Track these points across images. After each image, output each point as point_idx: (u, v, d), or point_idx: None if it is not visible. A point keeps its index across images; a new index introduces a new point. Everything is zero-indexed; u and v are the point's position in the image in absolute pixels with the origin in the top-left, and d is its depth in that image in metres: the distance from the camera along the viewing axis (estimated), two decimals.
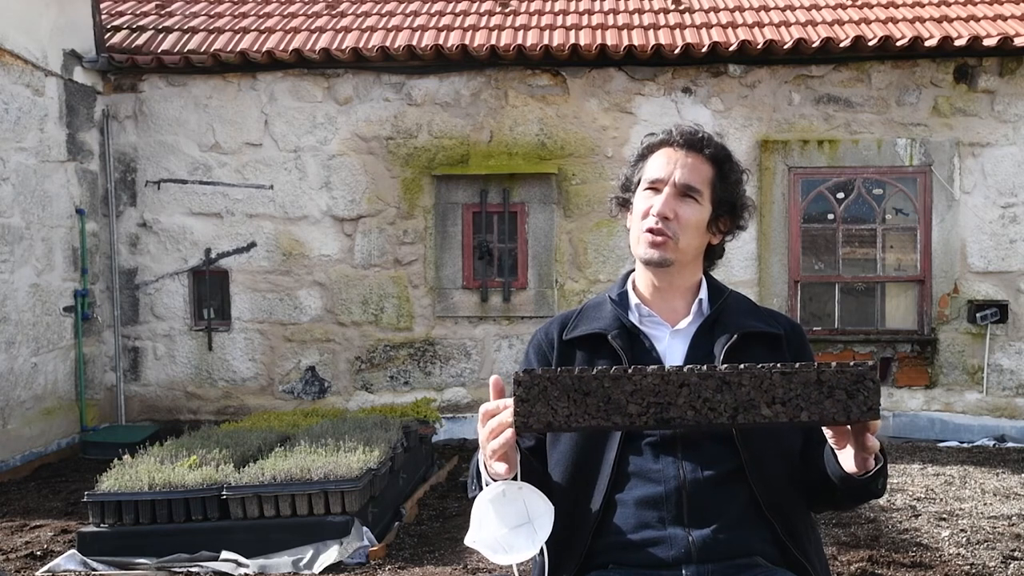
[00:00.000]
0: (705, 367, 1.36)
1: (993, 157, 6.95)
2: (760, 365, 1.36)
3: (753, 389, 1.35)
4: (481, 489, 1.57)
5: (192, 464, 4.29)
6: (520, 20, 7.65)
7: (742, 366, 1.36)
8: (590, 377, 1.36)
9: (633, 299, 1.83)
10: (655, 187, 1.77)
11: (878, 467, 1.56)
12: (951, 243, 6.97)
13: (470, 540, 1.54)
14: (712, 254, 1.86)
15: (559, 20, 7.60)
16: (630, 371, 1.36)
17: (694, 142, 1.77)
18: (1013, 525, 4.71)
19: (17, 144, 6.29)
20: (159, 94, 7.27)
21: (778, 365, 1.36)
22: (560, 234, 7.15)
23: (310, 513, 4.12)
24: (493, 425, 1.49)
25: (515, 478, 1.51)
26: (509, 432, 1.45)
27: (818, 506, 1.77)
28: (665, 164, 1.77)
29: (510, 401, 1.42)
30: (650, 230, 1.74)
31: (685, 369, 1.36)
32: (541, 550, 1.52)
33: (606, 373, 1.36)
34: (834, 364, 1.37)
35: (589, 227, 7.13)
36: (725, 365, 1.37)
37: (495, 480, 1.53)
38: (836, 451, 1.55)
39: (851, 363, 1.38)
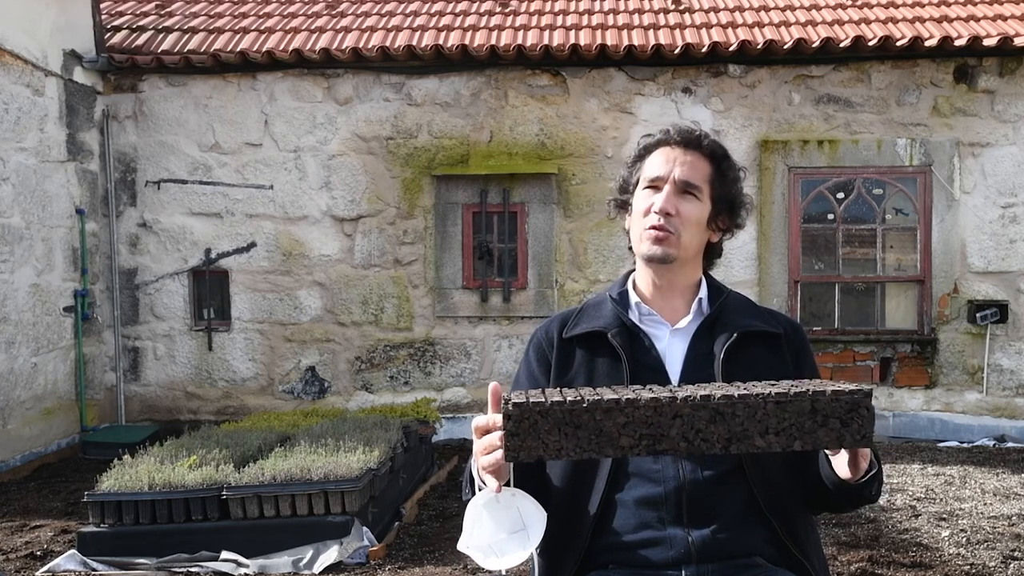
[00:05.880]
0: (699, 396, 1.32)
1: (993, 157, 6.95)
2: (755, 393, 1.33)
3: (747, 420, 1.32)
4: (474, 494, 1.57)
5: (192, 464, 4.29)
6: (520, 20, 7.65)
7: (736, 394, 1.33)
8: (581, 410, 1.32)
9: (633, 298, 1.83)
10: (655, 185, 1.77)
11: (872, 473, 1.57)
12: (951, 243, 6.97)
13: (463, 545, 1.54)
14: (711, 253, 1.86)
15: (559, 20, 7.60)
16: (622, 402, 1.32)
17: (691, 140, 1.78)
18: (1013, 525, 4.71)
19: (17, 144, 6.29)
20: (159, 94, 7.27)
21: (772, 393, 1.33)
22: (560, 234, 7.15)
23: (310, 513, 4.12)
24: (485, 443, 1.48)
25: (503, 485, 1.51)
26: (499, 453, 1.43)
27: (814, 508, 1.77)
28: (664, 162, 1.77)
29: (500, 419, 1.38)
30: (653, 227, 1.74)
31: (679, 399, 1.32)
32: (532, 555, 1.52)
33: (598, 405, 1.32)
34: (829, 390, 1.33)
35: (589, 227, 7.13)
36: (719, 394, 1.33)
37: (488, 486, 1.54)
38: (830, 456, 1.56)
39: (846, 387, 1.35)
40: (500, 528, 1.51)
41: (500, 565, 1.51)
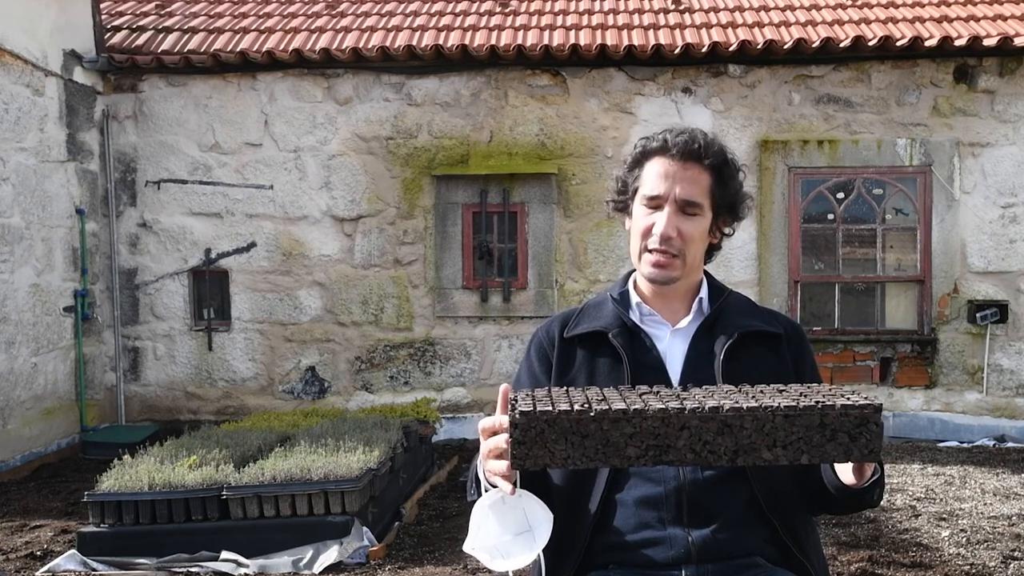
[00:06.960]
0: (707, 408, 1.31)
1: (993, 157, 6.95)
2: (764, 406, 1.32)
3: (755, 432, 1.31)
4: (480, 495, 1.57)
5: (192, 464, 4.29)
6: (520, 20, 7.65)
7: (744, 406, 1.32)
8: (588, 419, 1.31)
9: (634, 298, 1.83)
10: (655, 204, 1.75)
11: (874, 478, 1.57)
12: (951, 243, 6.97)
13: (468, 546, 1.54)
14: (711, 250, 1.86)
15: (559, 20, 7.60)
16: (630, 412, 1.31)
17: (691, 152, 1.74)
18: (1013, 525, 4.71)
19: (17, 144, 6.29)
20: (159, 94, 7.26)
21: (781, 406, 1.32)
22: (560, 234, 7.15)
23: (310, 513, 4.12)
24: (492, 445, 1.48)
25: (514, 486, 1.51)
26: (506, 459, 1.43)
27: (815, 510, 1.77)
28: (663, 179, 1.74)
29: (507, 422, 1.38)
30: (655, 251, 1.73)
31: (687, 411, 1.31)
32: (538, 555, 1.52)
33: (605, 415, 1.31)
34: (838, 404, 1.32)
35: (589, 227, 7.13)
36: (728, 405, 1.32)
37: (494, 487, 1.53)
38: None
39: (855, 400, 1.34)
40: (506, 529, 1.51)
41: (506, 567, 1.51)
